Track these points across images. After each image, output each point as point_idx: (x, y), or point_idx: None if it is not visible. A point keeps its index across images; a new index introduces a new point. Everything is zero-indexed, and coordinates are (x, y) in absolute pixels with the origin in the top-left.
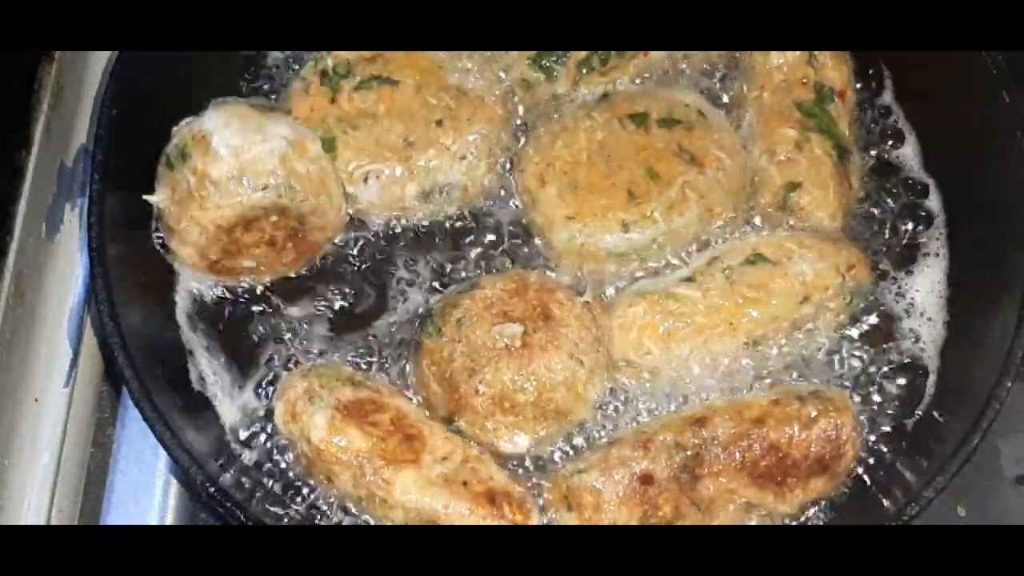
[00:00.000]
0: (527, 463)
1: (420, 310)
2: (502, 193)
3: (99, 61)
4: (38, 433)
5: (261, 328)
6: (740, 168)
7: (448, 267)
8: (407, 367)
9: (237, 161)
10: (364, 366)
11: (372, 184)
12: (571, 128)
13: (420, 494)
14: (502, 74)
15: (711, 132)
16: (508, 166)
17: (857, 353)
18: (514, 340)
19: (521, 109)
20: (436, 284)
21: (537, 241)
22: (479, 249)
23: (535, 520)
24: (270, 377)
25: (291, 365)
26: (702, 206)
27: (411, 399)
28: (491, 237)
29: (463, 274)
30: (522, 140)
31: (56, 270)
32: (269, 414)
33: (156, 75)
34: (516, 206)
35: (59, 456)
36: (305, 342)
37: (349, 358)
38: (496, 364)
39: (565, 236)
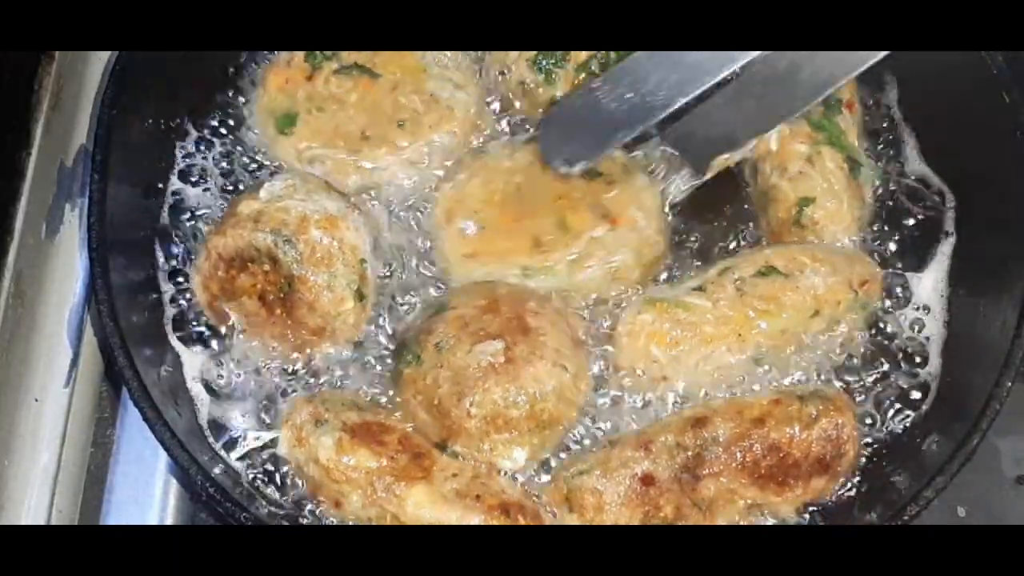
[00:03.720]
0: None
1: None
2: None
3: (99, 61)
4: (38, 433)
5: None
6: (656, 232)
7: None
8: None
9: (264, 205)
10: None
11: (318, 168)
12: (491, 167)
13: (433, 509)
14: (480, 75)
15: (633, 190)
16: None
17: (857, 352)
18: (497, 357)
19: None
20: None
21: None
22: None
23: None
24: (270, 376)
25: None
26: (607, 265)
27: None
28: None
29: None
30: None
31: (56, 270)
32: (269, 414)
33: (156, 75)
34: None
35: (59, 456)
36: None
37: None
38: (484, 384)
39: (463, 274)
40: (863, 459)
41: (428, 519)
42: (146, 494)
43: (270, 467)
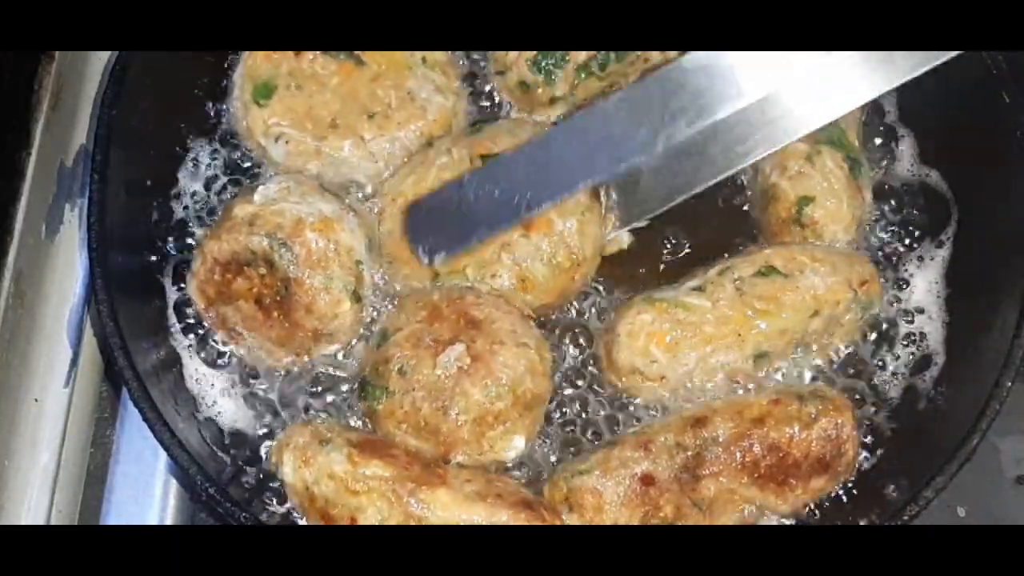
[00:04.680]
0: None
1: None
2: None
3: (99, 61)
4: (38, 433)
5: None
6: (577, 246)
7: None
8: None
9: (259, 208)
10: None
11: (281, 146)
12: (428, 163)
13: (460, 510)
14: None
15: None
16: None
17: (856, 352)
18: (463, 360)
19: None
20: None
21: None
22: None
23: None
24: (269, 377)
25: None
26: (515, 274)
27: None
28: None
29: None
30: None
31: (56, 270)
32: (267, 415)
33: (156, 75)
34: None
35: (59, 456)
36: None
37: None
38: (462, 389)
39: (395, 268)
40: (862, 459)
41: (460, 520)
42: (146, 494)
43: (269, 468)
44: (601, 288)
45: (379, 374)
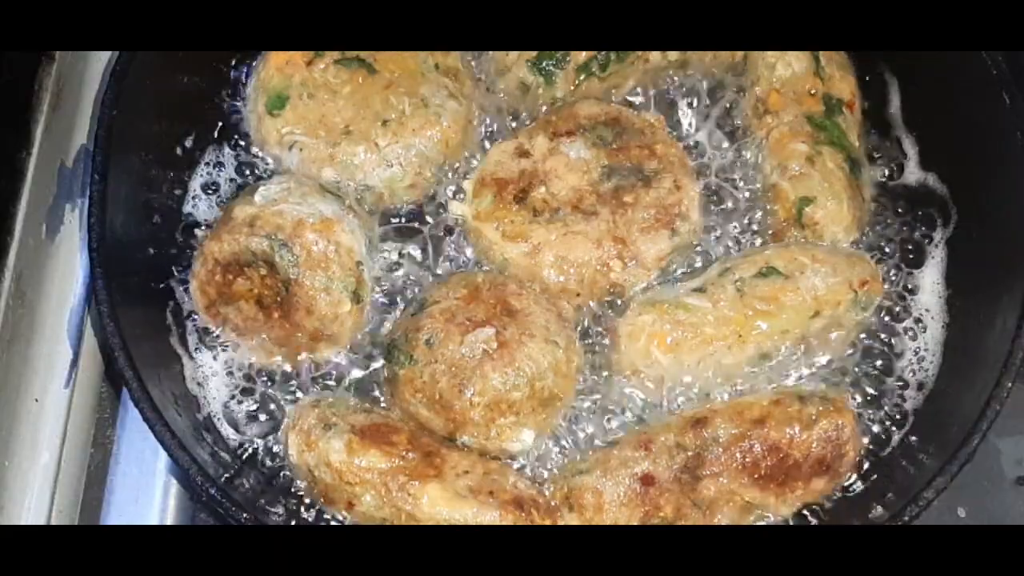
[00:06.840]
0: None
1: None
2: (419, 208)
3: (99, 61)
4: (38, 433)
5: None
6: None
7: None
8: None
9: (260, 209)
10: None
11: (295, 154)
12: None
13: (447, 505)
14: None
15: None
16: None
17: (857, 353)
18: (490, 343)
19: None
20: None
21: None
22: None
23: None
24: (269, 377)
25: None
26: None
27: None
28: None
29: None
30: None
31: (56, 270)
32: (267, 416)
33: (157, 75)
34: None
35: (59, 456)
36: None
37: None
38: (482, 372)
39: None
40: (863, 459)
41: (444, 517)
42: (146, 494)
43: (269, 468)
44: None
45: (407, 341)
